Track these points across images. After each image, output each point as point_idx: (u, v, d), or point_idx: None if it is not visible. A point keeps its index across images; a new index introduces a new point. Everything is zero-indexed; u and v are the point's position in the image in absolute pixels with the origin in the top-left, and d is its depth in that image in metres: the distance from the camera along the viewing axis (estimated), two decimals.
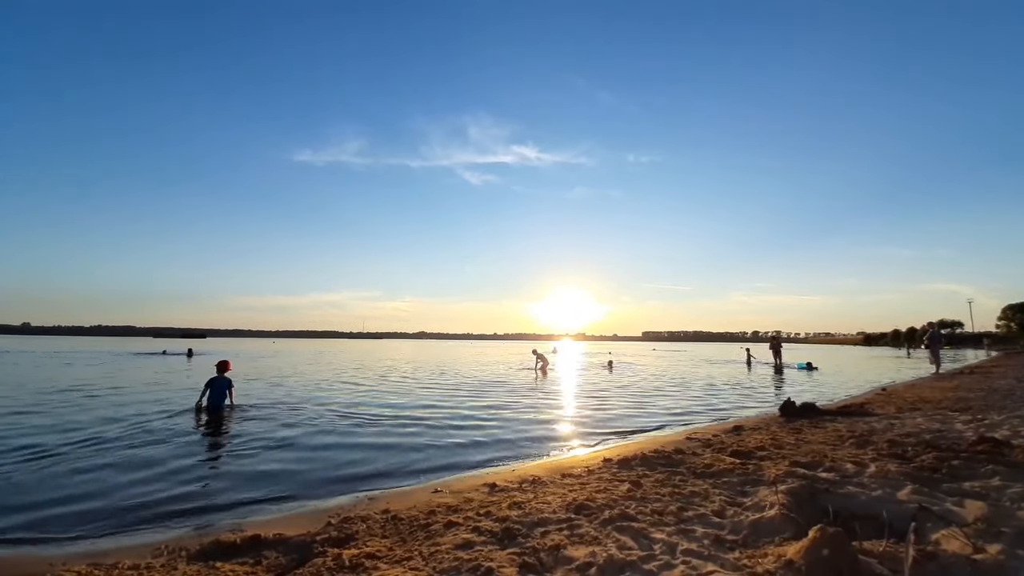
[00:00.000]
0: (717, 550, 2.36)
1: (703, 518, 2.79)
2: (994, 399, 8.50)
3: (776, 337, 21.72)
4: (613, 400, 9.84)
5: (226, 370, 7.93)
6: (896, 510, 2.68)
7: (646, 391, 11.55)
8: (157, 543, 2.81)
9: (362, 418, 7.36)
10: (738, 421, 6.93)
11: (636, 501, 3.12)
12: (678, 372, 18.25)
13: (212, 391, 7.57)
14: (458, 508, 3.17)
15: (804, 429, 5.78)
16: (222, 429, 6.47)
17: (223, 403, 7.60)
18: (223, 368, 7.89)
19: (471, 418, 7.45)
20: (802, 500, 2.85)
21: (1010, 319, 79.54)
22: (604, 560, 2.25)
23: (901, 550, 2.12)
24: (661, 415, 7.95)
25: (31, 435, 5.85)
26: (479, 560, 2.29)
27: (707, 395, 10.78)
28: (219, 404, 7.53)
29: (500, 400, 9.59)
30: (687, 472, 3.82)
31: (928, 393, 9.78)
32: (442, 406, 8.70)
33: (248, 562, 2.44)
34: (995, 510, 2.65)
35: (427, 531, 2.76)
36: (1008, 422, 5.82)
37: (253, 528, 2.94)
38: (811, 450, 4.52)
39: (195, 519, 3.32)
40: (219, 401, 7.55)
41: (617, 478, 3.71)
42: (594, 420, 7.45)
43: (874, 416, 6.76)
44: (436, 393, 10.70)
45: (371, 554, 2.42)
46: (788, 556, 2.12)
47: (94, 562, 2.51)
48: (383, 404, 8.91)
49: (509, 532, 2.66)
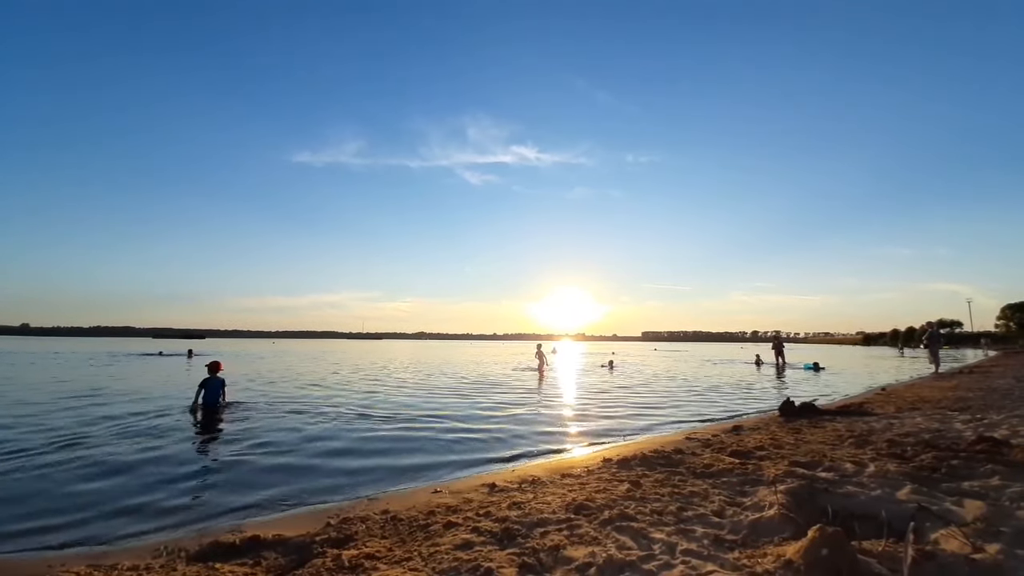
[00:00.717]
0: (717, 550, 2.36)
1: (702, 518, 2.79)
2: (993, 399, 8.51)
3: (777, 337, 21.56)
4: (613, 401, 9.83)
5: (218, 370, 8.08)
6: (895, 510, 2.69)
7: (651, 392, 11.53)
8: (156, 544, 2.81)
9: (362, 419, 7.35)
10: (737, 421, 6.93)
11: (636, 501, 3.12)
12: (680, 372, 18.05)
13: (206, 391, 7.75)
14: (457, 508, 3.17)
15: (803, 429, 5.79)
16: (220, 429, 6.47)
17: (218, 402, 7.78)
18: (215, 369, 8.05)
19: (470, 418, 7.45)
20: (801, 500, 2.85)
21: (1009, 319, 79.65)
22: (604, 560, 2.25)
23: (900, 550, 2.12)
24: (662, 418, 7.95)
25: (28, 437, 5.84)
26: (479, 560, 2.29)
27: (715, 396, 10.68)
28: (214, 403, 7.71)
29: (500, 401, 9.60)
30: (686, 472, 3.82)
31: (927, 393, 9.79)
32: (442, 407, 8.70)
33: (247, 563, 2.44)
34: (994, 510, 2.66)
35: (426, 531, 2.76)
36: (1007, 421, 5.82)
37: (252, 529, 2.93)
38: (810, 450, 4.52)
39: (194, 520, 3.32)
40: (214, 400, 7.73)
41: (616, 478, 3.71)
42: (594, 423, 7.45)
43: (873, 416, 6.77)
44: (435, 394, 10.69)
45: (371, 555, 2.42)
46: (787, 556, 2.12)
47: (93, 563, 2.51)
48: (383, 405, 8.90)
49: (509, 532, 2.66)
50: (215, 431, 6.41)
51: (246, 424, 6.77)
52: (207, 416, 7.27)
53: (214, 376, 7.94)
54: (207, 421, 6.99)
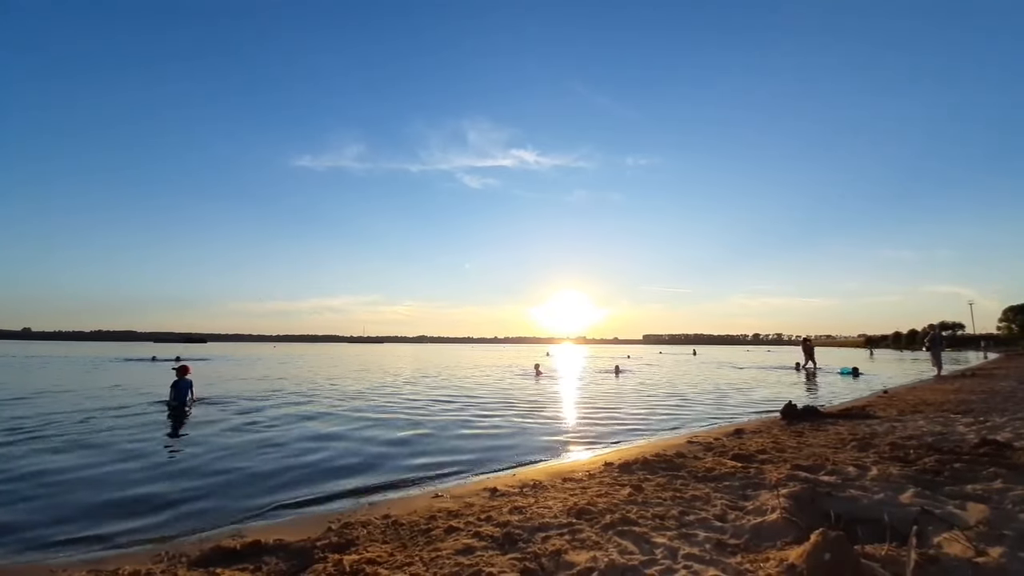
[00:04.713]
0: (719, 554, 2.35)
1: (704, 522, 2.78)
2: (996, 401, 8.48)
3: (808, 340, 20.54)
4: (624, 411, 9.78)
5: (186, 373, 9.13)
6: (898, 513, 2.68)
7: (675, 401, 11.45)
8: (157, 549, 2.81)
9: (363, 421, 7.35)
10: (739, 424, 6.91)
11: (637, 505, 3.11)
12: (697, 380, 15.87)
13: (176, 392, 8.78)
14: (459, 513, 3.16)
15: (805, 432, 5.77)
16: (219, 433, 6.46)
17: (186, 400, 8.87)
18: (183, 372, 9.15)
19: (471, 423, 7.44)
20: (803, 503, 2.84)
21: (1011, 321, 79.51)
22: (606, 565, 2.24)
23: (903, 554, 2.11)
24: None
25: (25, 439, 5.84)
26: (480, 565, 2.29)
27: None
28: (183, 401, 8.79)
29: (501, 404, 9.59)
30: (688, 476, 3.81)
31: (930, 396, 9.76)
32: (442, 409, 8.69)
33: (249, 568, 2.44)
34: (997, 513, 2.65)
35: (428, 536, 2.75)
36: (1010, 424, 5.81)
37: (253, 534, 2.93)
38: (812, 453, 4.51)
39: (195, 524, 3.31)
40: (183, 399, 8.81)
41: (618, 482, 3.70)
42: (596, 434, 7.43)
43: (876, 419, 6.75)
44: (436, 396, 10.68)
45: (372, 559, 2.41)
46: (790, 560, 2.11)
47: (95, 568, 2.51)
48: (383, 407, 8.89)
49: (510, 537, 2.65)
50: (213, 435, 6.39)
51: (245, 427, 6.77)
52: (175, 412, 8.17)
53: (182, 378, 8.97)
54: (178, 417, 7.72)
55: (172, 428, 6.94)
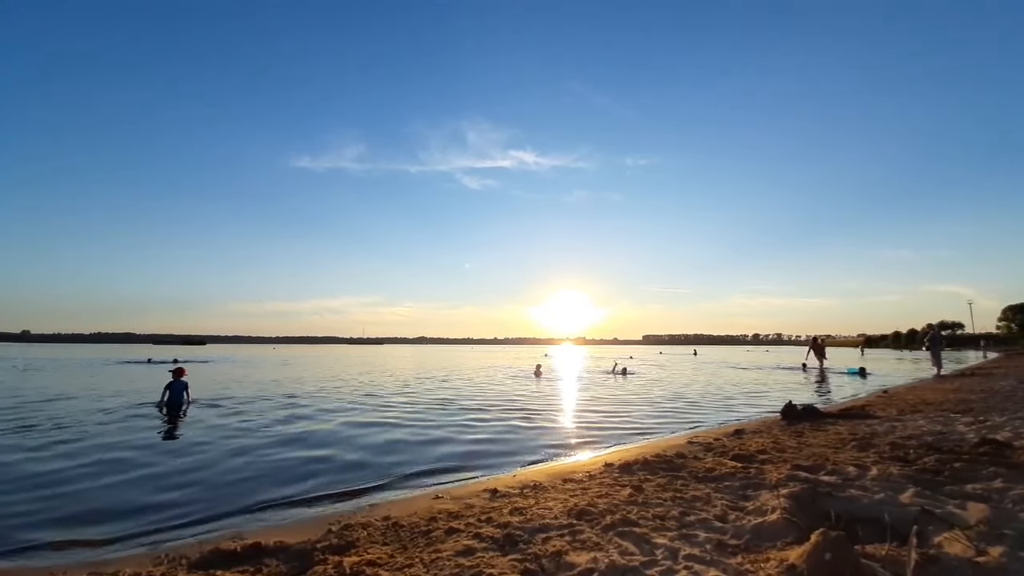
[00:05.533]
0: (719, 555, 2.35)
1: (705, 523, 2.78)
2: (995, 401, 8.48)
3: (817, 339, 19.99)
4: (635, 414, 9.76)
5: (181, 375, 9.25)
6: (898, 513, 2.68)
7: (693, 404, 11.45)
8: (157, 551, 2.80)
9: (363, 423, 7.34)
10: (739, 424, 6.91)
11: (638, 506, 3.11)
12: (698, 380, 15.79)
13: (171, 392, 8.88)
14: (459, 514, 3.16)
15: (806, 432, 5.77)
16: (217, 434, 6.45)
17: (181, 401, 8.96)
18: (179, 374, 9.27)
19: (470, 424, 7.43)
20: (804, 504, 2.84)
21: (1010, 320, 79.63)
22: (606, 566, 2.24)
23: (903, 553, 2.11)
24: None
25: (22, 441, 5.83)
26: (480, 567, 2.28)
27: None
28: (178, 402, 8.90)
29: (501, 405, 9.58)
30: (689, 476, 3.81)
31: (929, 395, 9.76)
32: (442, 411, 8.69)
33: (249, 570, 2.43)
34: (997, 512, 2.65)
35: (428, 538, 2.75)
36: (1010, 424, 5.80)
37: (253, 536, 2.92)
38: (813, 453, 4.51)
39: (195, 527, 3.31)
40: (178, 399, 8.92)
41: (619, 483, 3.69)
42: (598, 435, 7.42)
43: (875, 419, 6.75)
44: (435, 397, 10.67)
45: (372, 561, 2.41)
46: (790, 560, 2.11)
47: (94, 571, 2.51)
48: (383, 409, 8.89)
49: (510, 538, 2.65)
50: (211, 437, 6.38)
51: (245, 429, 6.76)
52: (171, 412, 8.29)
53: (178, 379, 9.10)
54: (174, 419, 7.78)
55: (169, 430, 6.93)
